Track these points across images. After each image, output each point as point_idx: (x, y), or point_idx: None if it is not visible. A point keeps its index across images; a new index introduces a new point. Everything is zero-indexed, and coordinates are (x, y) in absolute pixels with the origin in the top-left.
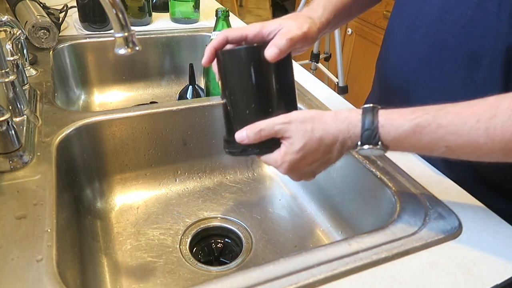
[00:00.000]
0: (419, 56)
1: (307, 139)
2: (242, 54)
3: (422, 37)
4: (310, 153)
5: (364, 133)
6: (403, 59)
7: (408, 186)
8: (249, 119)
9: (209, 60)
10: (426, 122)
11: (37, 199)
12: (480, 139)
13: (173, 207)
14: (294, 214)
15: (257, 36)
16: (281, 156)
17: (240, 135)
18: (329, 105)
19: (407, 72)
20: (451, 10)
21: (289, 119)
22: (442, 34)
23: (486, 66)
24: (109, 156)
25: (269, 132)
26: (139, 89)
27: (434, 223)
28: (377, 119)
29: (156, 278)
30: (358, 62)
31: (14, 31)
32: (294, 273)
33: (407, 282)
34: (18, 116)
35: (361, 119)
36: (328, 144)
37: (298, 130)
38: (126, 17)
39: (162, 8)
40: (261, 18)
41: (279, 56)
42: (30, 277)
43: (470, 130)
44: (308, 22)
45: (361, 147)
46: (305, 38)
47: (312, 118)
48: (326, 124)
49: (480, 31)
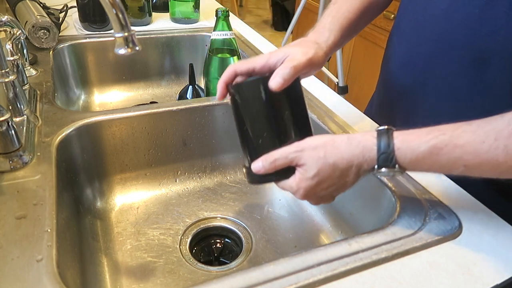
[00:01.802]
0: (425, 56)
1: (320, 166)
2: (249, 86)
3: (429, 37)
4: (325, 179)
5: (380, 156)
6: (409, 59)
7: (408, 186)
8: (262, 148)
9: (222, 94)
10: (442, 143)
11: (37, 199)
12: (500, 158)
13: (173, 207)
14: (294, 214)
15: (264, 67)
16: (296, 183)
17: (257, 165)
18: (329, 105)
19: (413, 72)
20: (458, 9)
21: (302, 147)
22: (449, 34)
23: (495, 66)
24: (109, 156)
25: (283, 161)
26: (139, 89)
27: (434, 223)
28: (393, 142)
29: (156, 278)
30: (358, 62)
31: (14, 31)
32: (294, 273)
33: (407, 282)
34: (18, 116)
35: (376, 143)
36: (343, 169)
37: (311, 157)
38: (126, 17)
39: (162, 8)
40: (261, 18)
41: (284, 85)
42: (30, 277)
43: (488, 149)
44: (314, 48)
45: (378, 170)
46: (310, 64)
47: (324, 144)
48: (339, 149)
49: (489, 30)
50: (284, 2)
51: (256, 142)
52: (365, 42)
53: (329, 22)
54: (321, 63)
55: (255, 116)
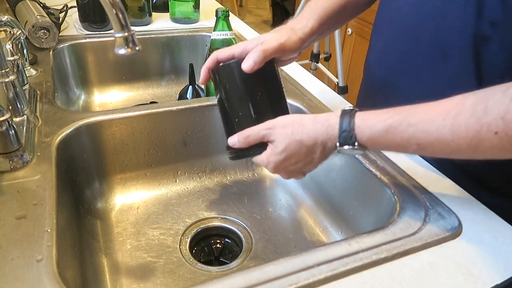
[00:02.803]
0: (398, 50)
1: (287, 142)
2: (224, 69)
3: (400, 32)
4: (293, 154)
5: (341, 134)
6: (384, 54)
7: (408, 186)
8: (238, 126)
9: (205, 79)
10: (397, 122)
11: (37, 199)
12: (447, 136)
13: (173, 207)
14: (294, 214)
15: (243, 53)
16: (267, 157)
17: (232, 140)
18: (329, 105)
19: (388, 67)
20: (424, 3)
21: (273, 124)
22: (417, 28)
23: (457, 58)
24: (109, 156)
25: (255, 137)
26: (139, 89)
27: (434, 223)
28: (353, 121)
29: (156, 278)
30: (358, 62)
31: (14, 31)
32: (294, 273)
33: (407, 282)
34: (18, 116)
35: (339, 122)
36: (309, 145)
37: (280, 134)
38: (126, 17)
39: (162, 8)
40: (261, 18)
41: (254, 67)
42: (30, 277)
43: (437, 128)
44: (287, 34)
45: (340, 147)
46: (282, 48)
47: (292, 123)
48: (305, 127)
49: (449, 23)
50: (284, 2)
51: (233, 121)
52: (365, 42)
53: (307, 12)
54: (295, 48)
55: (232, 96)
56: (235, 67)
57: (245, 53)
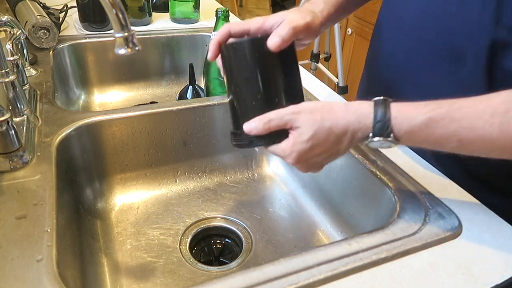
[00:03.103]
0: (404, 51)
1: (316, 129)
2: (245, 46)
3: (408, 33)
4: (320, 143)
5: (376, 124)
6: (389, 55)
7: (408, 186)
8: (255, 110)
9: (214, 55)
10: (439, 116)
11: (37, 199)
12: (494, 134)
13: (173, 207)
14: (294, 214)
15: (259, 30)
16: (290, 146)
17: (249, 125)
18: None
19: (393, 68)
20: (436, 5)
21: (299, 109)
22: (426, 30)
23: (471, 62)
24: (109, 156)
25: (278, 122)
26: (139, 89)
27: (434, 223)
28: (390, 111)
29: (156, 278)
30: (358, 62)
31: (14, 31)
32: (294, 273)
33: (407, 282)
34: (18, 116)
35: (373, 111)
36: (338, 134)
37: (308, 120)
38: (126, 17)
39: (162, 8)
40: None
41: (282, 45)
42: (30, 277)
43: (484, 124)
44: (310, 14)
45: (372, 138)
46: (308, 28)
47: (322, 108)
48: (335, 114)
49: (463, 26)
50: (284, 2)
51: (249, 104)
52: (365, 42)
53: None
54: (317, 31)
55: (249, 77)
56: (260, 44)
57: (262, 29)
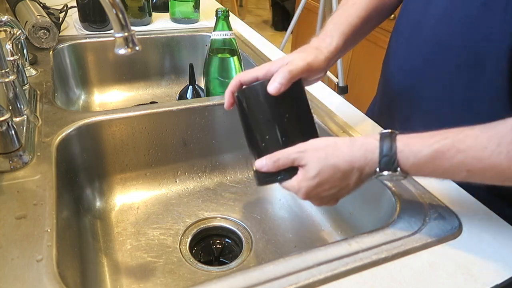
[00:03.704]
0: (423, 56)
1: (321, 167)
2: (251, 91)
3: (427, 37)
4: (326, 180)
5: (382, 159)
6: (407, 59)
7: (408, 186)
8: (266, 150)
9: (229, 103)
10: (445, 147)
11: (37, 199)
12: (504, 164)
13: (173, 207)
14: (294, 214)
15: (267, 75)
16: (298, 182)
17: (260, 163)
18: (329, 105)
19: (410, 72)
20: (456, 10)
21: (304, 148)
22: (446, 34)
23: (492, 67)
24: (109, 156)
25: (285, 161)
26: (139, 89)
27: (434, 223)
28: (395, 145)
29: (156, 278)
30: (358, 62)
31: (14, 31)
32: (294, 273)
33: (407, 282)
34: (18, 116)
35: (378, 146)
36: (344, 171)
37: (313, 158)
38: (126, 17)
39: (162, 8)
40: (261, 18)
41: (280, 89)
42: (30, 277)
43: (491, 154)
44: (313, 53)
45: (380, 173)
46: (309, 68)
47: (326, 146)
48: (340, 151)
49: (485, 31)
50: (284, 2)
51: (260, 144)
52: (365, 42)
53: (330, 29)
54: (322, 68)
55: (258, 119)
56: (260, 89)
57: (269, 74)
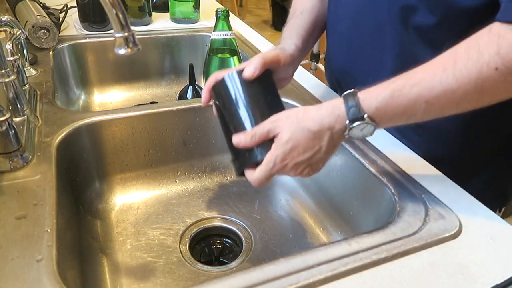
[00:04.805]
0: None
1: (293, 130)
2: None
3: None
4: (299, 143)
5: (349, 110)
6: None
7: (408, 186)
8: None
9: (206, 99)
10: (400, 85)
11: (37, 199)
12: (453, 85)
13: (173, 207)
14: (294, 214)
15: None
16: (273, 151)
17: (238, 138)
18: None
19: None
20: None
21: (277, 117)
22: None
23: (389, 32)
24: (109, 156)
25: (261, 132)
26: (139, 89)
27: (434, 223)
28: (357, 97)
29: (156, 278)
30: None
31: (14, 31)
32: (294, 273)
33: (407, 282)
34: (18, 116)
35: (343, 101)
36: (315, 131)
37: (285, 124)
38: (126, 17)
39: (162, 8)
40: (261, 18)
41: (255, 72)
42: (30, 277)
43: (440, 80)
44: (279, 49)
45: (350, 126)
46: (278, 58)
47: (296, 112)
48: (309, 113)
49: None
50: (284, 2)
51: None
52: None
53: (288, 34)
54: (288, 62)
55: (234, 106)
56: (237, 76)
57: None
